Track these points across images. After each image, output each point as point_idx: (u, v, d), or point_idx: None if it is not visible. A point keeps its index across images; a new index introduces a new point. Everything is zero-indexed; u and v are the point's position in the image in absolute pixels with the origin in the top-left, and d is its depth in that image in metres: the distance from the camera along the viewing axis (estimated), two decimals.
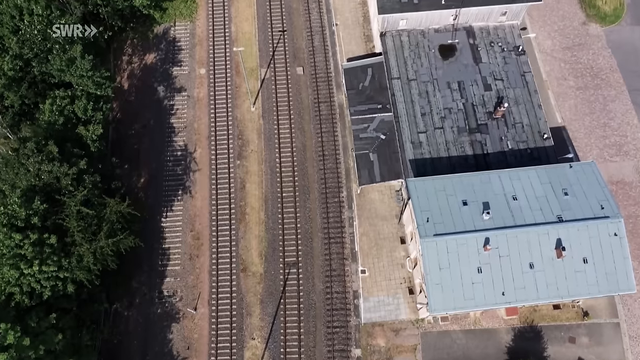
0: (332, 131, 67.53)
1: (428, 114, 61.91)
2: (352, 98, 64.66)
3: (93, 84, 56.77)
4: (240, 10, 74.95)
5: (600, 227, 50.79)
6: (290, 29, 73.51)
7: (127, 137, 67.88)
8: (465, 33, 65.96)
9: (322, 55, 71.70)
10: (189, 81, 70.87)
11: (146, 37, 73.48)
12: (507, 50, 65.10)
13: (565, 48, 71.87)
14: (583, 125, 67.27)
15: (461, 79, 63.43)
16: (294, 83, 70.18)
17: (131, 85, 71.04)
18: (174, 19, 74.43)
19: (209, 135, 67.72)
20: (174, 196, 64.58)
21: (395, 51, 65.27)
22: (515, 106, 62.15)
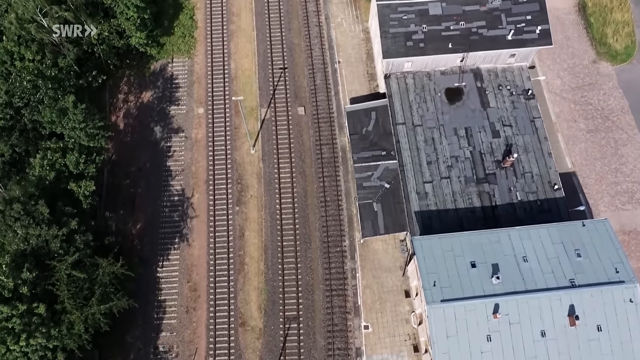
0: (334, 175, 65.32)
1: (434, 162, 59.68)
2: (356, 144, 62.43)
3: (86, 135, 54.59)
4: (240, 46, 72.72)
5: (615, 292, 48.62)
6: (292, 66, 71.26)
7: (122, 181, 65.64)
8: (473, 75, 63.74)
9: (324, 95, 69.48)
10: (187, 121, 68.64)
11: (143, 74, 71.24)
12: (515, 94, 62.89)
13: (575, 88, 69.65)
14: (594, 170, 65.05)
15: (468, 125, 61.22)
16: (295, 124, 67.95)
17: (127, 124, 68.81)
18: (171, 55, 72.21)
19: (207, 180, 65.49)
20: (171, 244, 62.36)
21: (400, 94, 63.04)
22: (524, 154, 59.93)
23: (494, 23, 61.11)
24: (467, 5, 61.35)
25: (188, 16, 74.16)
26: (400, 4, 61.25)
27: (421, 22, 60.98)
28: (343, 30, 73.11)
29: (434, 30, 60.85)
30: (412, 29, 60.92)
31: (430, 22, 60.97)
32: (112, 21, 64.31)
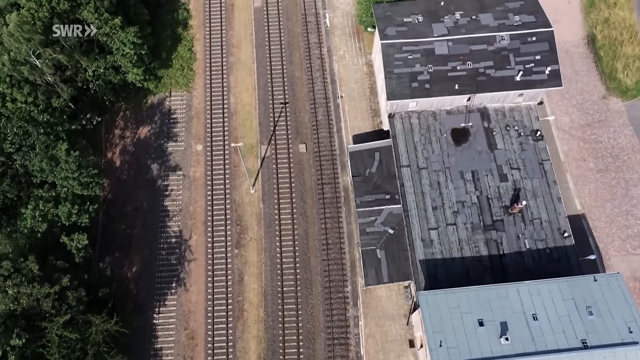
0: (336, 217, 63.40)
1: (440, 207, 57.74)
2: (358, 187, 60.50)
3: (79, 184, 52.71)
4: (239, 79, 70.82)
5: (628, 354, 46.72)
6: (293, 101, 69.36)
7: (118, 221, 63.75)
8: (480, 115, 61.81)
9: (327, 131, 67.57)
10: (185, 159, 66.74)
11: (140, 109, 69.38)
12: (524, 135, 60.95)
13: (584, 125, 67.73)
14: (604, 212, 63.12)
15: (475, 168, 59.26)
16: (296, 162, 66.04)
17: (123, 162, 66.91)
18: (169, 89, 70.33)
19: (206, 220, 63.59)
20: (168, 289, 60.48)
21: (404, 135, 61.11)
22: (533, 199, 57.98)
23: (502, 63, 59.18)
24: (475, 45, 59.43)
25: (187, 48, 72.28)
26: (405, 43, 59.35)
27: (427, 62, 59.06)
28: (346, 64, 71.21)
29: (440, 70, 58.93)
30: (417, 69, 58.99)
31: (436, 62, 59.05)
32: (108, 57, 62.38)
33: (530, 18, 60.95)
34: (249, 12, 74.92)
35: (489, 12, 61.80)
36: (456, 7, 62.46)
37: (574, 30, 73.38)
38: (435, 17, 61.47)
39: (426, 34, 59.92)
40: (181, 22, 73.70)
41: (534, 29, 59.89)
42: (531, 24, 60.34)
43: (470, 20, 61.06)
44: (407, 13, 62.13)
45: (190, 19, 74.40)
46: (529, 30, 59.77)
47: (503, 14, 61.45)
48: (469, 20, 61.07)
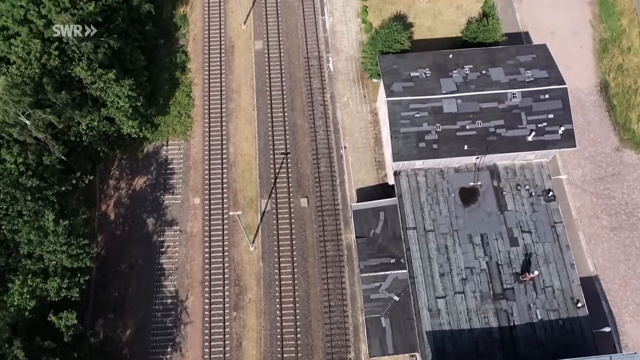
0: (339, 277, 60.91)
1: (447, 274, 55.24)
2: (362, 249, 57.95)
3: (68, 257, 50.16)
4: (239, 127, 68.29)
5: None
6: (294, 151, 66.83)
7: (112, 279, 61.30)
8: (489, 173, 59.30)
9: (329, 184, 65.04)
10: (182, 212, 64.20)
11: (135, 158, 66.86)
12: (535, 195, 58.43)
13: (597, 179, 65.17)
14: (618, 274, 60.59)
15: (484, 231, 56.73)
16: (297, 217, 63.50)
17: (118, 215, 64.39)
18: (166, 137, 67.83)
19: (203, 280, 61.08)
20: (163, 354, 58.10)
21: (410, 194, 58.59)
22: (545, 265, 55.49)
23: (513, 122, 56.65)
24: (485, 102, 56.91)
25: (185, 93, 69.75)
26: (412, 100, 56.84)
27: (435, 121, 56.54)
28: (349, 111, 68.66)
29: (448, 130, 56.42)
30: (424, 129, 56.47)
31: (445, 121, 56.55)
32: (102, 110, 59.87)
33: (542, 73, 58.43)
34: (249, 54, 72.42)
35: (500, 66, 59.26)
36: (465, 60, 59.93)
37: (586, 77, 70.80)
38: (443, 71, 58.93)
39: (434, 91, 57.40)
40: (179, 66, 71.19)
41: (547, 86, 57.36)
42: (544, 81, 57.82)
43: (480, 76, 58.53)
44: (415, 66, 59.59)
45: (189, 62, 71.89)
46: (542, 88, 57.26)
47: (514, 69, 58.90)
48: (478, 76, 58.55)
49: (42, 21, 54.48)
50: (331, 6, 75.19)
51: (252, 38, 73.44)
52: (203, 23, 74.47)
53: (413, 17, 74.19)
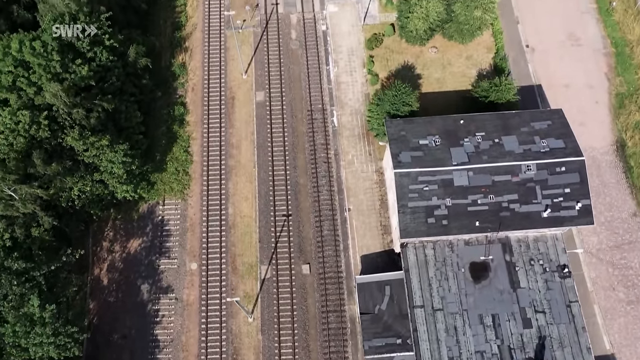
0: (342, 351, 58.06)
1: (456, 358, 52.26)
2: (367, 327, 55.05)
3: (55, 347, 47.31)
4: (239, 186, 65.39)
5: None
6: (296, 213, 63.90)
7: (104, 351, 58.49)
8: (501, 247, 56.32)
9: (333, 249, 62.14)
10: (178, 278, 61.34)
11: (130, 218, 64.02)
12: (549, 271, 55.47)
13: (614, 247, 62.15)
14: (635, 352, 57.65)
15: (496, 311, 53.79)
16: (298, 286, 60.63)
17: (111, 280, 61.56)
18: (163, 196, 64.90)
19: (199, 354, 58.23)
20: None
21: (418, 268, 55.64)
22: (559, 349, 52.51)
23: (528, 197, 53.69)
24: (498, 175, 53.96)
25: (183, 148, 66.90)
26: (421, 172, 53.93)
27: (445, 195, 53.61)
28: (354, 170, 65.73)
29: (459, 204, 53.49)
30: (434, 203, 53.54)
31: (455, 195, 53.61)
32: (96, 174, 57.00)
33: (558, 143, 55.49)
34: (250, 106, 69.56)
35: (514, 134, 56.34)
36: (477, 127, 57.02)
37: (601, 135, 67.82)
38: (454, 139, 56.02)
39: (444, 161, 54.49)
40: (177, 118, 68.36)
41: (563, 158, 54.42)
42: (560, 152, 54.87)
43: (493, 145, 55.61)
44: (424, 133, 56.68)
45: (187, 115, 69.04)
46: (558, 160, 54.31)
47: (529, 137, 55.97)
48: (491, 145, 55.63)
49: (32, 89, 51.64)
50: (336, 55, 72.30)
51: (253, 88, 70.56)
52: (203, 72, 71.61)
53: (421, 67, 71.27)
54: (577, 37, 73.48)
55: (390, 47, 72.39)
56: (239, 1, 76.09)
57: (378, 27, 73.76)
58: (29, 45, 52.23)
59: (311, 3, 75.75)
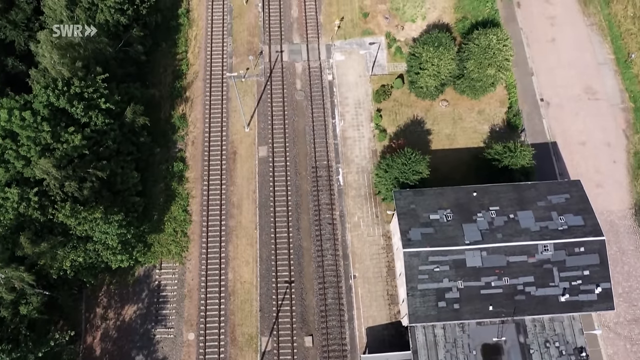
0: None
1: None
2: None
3: None
4: (240, 249, 62.55)
5: None
6: (299, 279, 61.04)
7: None
8: (515, 327, 53.35)
9: (337, 319, 59.28)
10: (174, 350, 58.54)
11: (125, 283, 61.27)
12: (566, 354, 52.52)
13: (632, 321, 59.18)
14: None
15: None
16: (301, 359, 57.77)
17: (104, 350, 58.82)
18: (160, 259, 62.09)
19: None
20: None
21: (427, 350, 52.71)
22: None
23: (544, 279, 50.78)
24: (513, 256, 51.05)
25: (181, 207, 64.10)
26: (431, 252, 51.02)
27: (456, 276, 50.72)
28: (360, 234, 62.83)
29: (471, 287, 50.61)
30: (445, 285, 50.65)
31: (468, 277, 50.72)
32: (89, 245, 54.26)
33: (577, 220, 52.54)
34: (252, 162, 66.73)
35: (529, 208, 53.42)
36: (491, 200, 54.11)
37: (619, 197, 64.81)
38: (466, 214, 53.10)
39: (456, 240, 51.58)
40: (176, 175, 65.57)
41: (582, 237, 51.48)
42: (578, 230, 51.90)
43: (508, 221, 52.68)
44: (434, 206, 53.78)
45: (187, 170, 66.25)
46: (576, 239, 51.34)
47: (546, 213, 53.02)
48: (506, 221, 52.70)
49: (20, 162, 48.90)
50: (342, 108, 69.42)
51: (256, 143, 67.74)
52: (204, 124, 68.83)
53: (431, 122, 68.37)
54: (593, 91, 70.47)
55: (399, 100, 69.49)
56: (242, 48, 73.32)
57: (387, 78, 70.87)
58: (18, 115, 49.45)
59: (317, 51, 72.92)
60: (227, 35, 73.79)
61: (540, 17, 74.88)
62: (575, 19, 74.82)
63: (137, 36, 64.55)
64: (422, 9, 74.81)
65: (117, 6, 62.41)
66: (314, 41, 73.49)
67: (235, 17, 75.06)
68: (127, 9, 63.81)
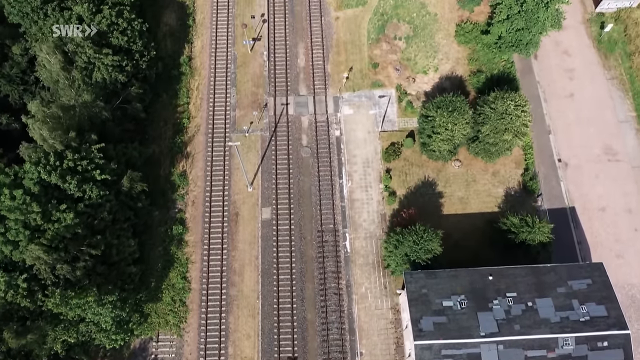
0: None
1: None
2: None
3: None
4: (240, 321, 59.60)
5: None
6: (303, 355, 58.13)
7: None
8: None
9: None
10: None
11: (120, 356, 58.23)
12: None
13: None
14: None
15: None
16: None
17: None
18: (157, 331, 59.11)
19: None
20: None
21: None
22: None
23: None
24: (531, 350, 47.99)
25: (180, 274, 61.20)
26: (444, 344, 47.93)
27: None
28: (367, 306, 59.78)
29: None
30: None
31: None
32: (81, 326, 51.33)
33: (600, 310, 49.40)
34: (255, 224, 63.71)
35: (549, 295, 50.36)
36: (507, 284, 51.01)
37: None
38: (482, 301, 50.01)
39: (471, 331, 48.46)
40: (175, 238, 62.63)
41: (606, 331, 48.23)
42: (602, 322, 48.75)
43: (526, 310, 49.58)
44: (448, 291, 50.69)
45: (187, 233, 63.27)
46: (599, 333, 48.13)
47: (566, 301, 49.92)
48: (524, 309, 49.61)
49: (8, 248, 45.99)
50: (350, 167, 66.31)
51: (259, 204, 64.72)
52: (205, 182, 65.84)
53: (443, 184, 65.22)
54: (614, 151, 67.17)
55: (410, 159, 66.37)
56: (246, 99, 70.32)
57: (397, 134, 67.74)
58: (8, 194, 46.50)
59: (324, 104, 69.85)
60: (230, 85, 70.77)
61: (558, 70, 71.58)
62: (595, 72, 71.50)
63: (136, 94, 61.54)
64: (435, 60, 71.61)
65: (115, 63, 59.43)
66: (321, 93, 70.42)
67: (240, 65, 72.01)
68: (126, 65, 60.83)
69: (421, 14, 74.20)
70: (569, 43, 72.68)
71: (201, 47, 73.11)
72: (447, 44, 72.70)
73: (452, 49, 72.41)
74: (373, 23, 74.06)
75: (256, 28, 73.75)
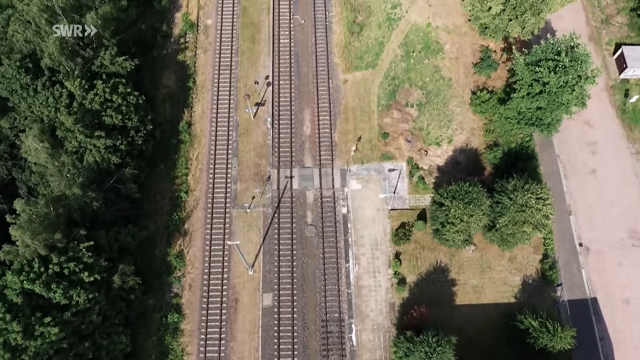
0: None
1: None
2: None
3: None
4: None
5: None
6: None
7: None
8: None
9: None
10: None
11: None
12: None
13: None
14: None
15: None
16: None
17: None
18: None
19: None
20: None
21: None
22: None
23: None
24: None
25: None
26: None
27: None
28: None
29: None
30: None
31: None
32: None
33: None
34: (255, 313, 59.99)
35: None
36: None
37: None
38: None
39: None
40: (171, 327, 59.03)
41: None
42: None
43: None
44: None
45: (182, 321, 59.61)
46: None
47: None
48: None
49: None
50: (357, 249, 62.41)
51: (260, 289, 60.96)
52: (203, 264, 62.08)
53: (456, 270, 61.29)
54: (639, 235, 62.94)
55: (421, 242, 62.46)
56: (248, 172, 66.50)
57: (407, 213, 63.79)
58: None
59: (331, 177, 65.97)
60: (232, 155, 66.95)
61: (579, 143, 67.45)
62: (619, 146, 67.35)
63: (130, 174, 57.81)
64: (449, 130, 67.58)
65: (108, 144, 55.72)
66: (327, 165, 66.51)
67: (242, 133, 68.16)
68: (121, 144, 57.10)
69: (434, 79, 70.18)
70: (591, 112, 68.42)
71: (201, 112, 69.28)
72: (462, 112, 68.65)
73: (467, 118, 68.37)
74: (383, 88, 70.07)
75: (260, 92, 69.87)
